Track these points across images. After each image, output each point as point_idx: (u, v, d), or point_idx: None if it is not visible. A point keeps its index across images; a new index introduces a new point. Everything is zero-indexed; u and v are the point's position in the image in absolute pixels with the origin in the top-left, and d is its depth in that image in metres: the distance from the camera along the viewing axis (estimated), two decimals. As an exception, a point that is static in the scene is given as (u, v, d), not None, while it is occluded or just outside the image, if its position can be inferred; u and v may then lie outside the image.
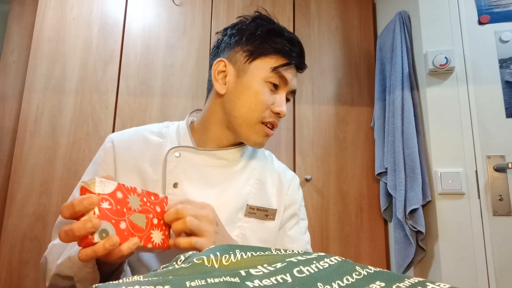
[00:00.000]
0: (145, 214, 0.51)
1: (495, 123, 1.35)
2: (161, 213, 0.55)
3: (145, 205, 0.52)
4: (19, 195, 1.53)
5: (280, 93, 0.71)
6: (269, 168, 0.81)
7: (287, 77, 0.70)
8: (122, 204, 0.48)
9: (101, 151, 0.75)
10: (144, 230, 0.50)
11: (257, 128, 0.70)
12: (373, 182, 1.74)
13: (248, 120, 0.70)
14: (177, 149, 0.72)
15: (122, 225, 0.47)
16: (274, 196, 0.77)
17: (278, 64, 0.69)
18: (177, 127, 0.79)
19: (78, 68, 1.67)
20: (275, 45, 0.70)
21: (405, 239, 1.42)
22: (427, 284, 0.36)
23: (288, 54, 0.70)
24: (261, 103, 0.69)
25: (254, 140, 0.71)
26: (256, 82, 0.69)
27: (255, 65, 0.70)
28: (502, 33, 1.39)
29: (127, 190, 0.50)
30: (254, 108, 0.69)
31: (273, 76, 0.69)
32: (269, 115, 0.70)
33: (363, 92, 1.83)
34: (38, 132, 1.59)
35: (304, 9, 1.88)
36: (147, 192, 0.54)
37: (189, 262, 0.44)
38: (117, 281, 0.40)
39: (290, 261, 0.44)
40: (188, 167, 0.71)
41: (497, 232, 1.28)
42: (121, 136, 0.75)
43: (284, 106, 0.70)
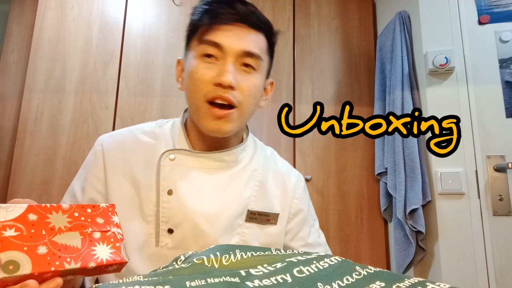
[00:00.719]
0: (78, 230, 0.44)
1: (495, 123, 1.35)
2: (106, 223, 0.47)
3: (77, 221, 0.45)
4: (19, 195, 1.53)
5: (222, 62, 0.62)
6: (271, 169, 0.75)
7: (218, 41, 0.61)
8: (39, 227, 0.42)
9: (90, 154, 0.71)
10: (80, 249, 0.43)
11: (204, 111, 0.62)
12: (373, 182, 1.73)
13: (194, 106, 0.64)
14: (171, 152, 0.66)
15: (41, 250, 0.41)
16: (276, 198, 0.72)
17: (202, 32, 0.62)
18: (171, 126, 0.73)
19: (78, 68, 1.67)
20: (196, 16, 0.64)
21: (405, 239, 1.42)
22: (427, 284, 0.36)
23: (209, 15, 0.62)
24: (198, 80, 0.61)
25: (206, 126, 0.63)
26: (191, 62, 0.64)
27: (191, 47, 0.66)
28: (502, 33, 1.39)
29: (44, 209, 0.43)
30: (194, 89, 0.62)
31: (202, 47, 0.62)
32: (210, 90, 0.61)
33: (363, 92, 1.83)
34: (38, 132, 1.59)
35: (304, 9, 1.88)
36: (79, 206, 0.47)
37: (189, 262, 0.44)
38: (117, 281, 0.40)
39: (290, 261, 0.44)
40: (183, 171, 0.66)
41: (497, 232, 1.28)
42: (111, 138, 0.71)
43: (225, 75, 0.60)
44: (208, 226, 0.63)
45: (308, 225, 0.76)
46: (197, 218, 0.63)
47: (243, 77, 0.63)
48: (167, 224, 0.63)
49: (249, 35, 0.63)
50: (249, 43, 0.63)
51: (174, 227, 0.63)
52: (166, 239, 0.63)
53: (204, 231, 0.63)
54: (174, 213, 0.63)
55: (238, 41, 0.62)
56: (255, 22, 0.64)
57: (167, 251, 0.63)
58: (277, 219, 0.70)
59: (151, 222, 0.64)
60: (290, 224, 0.74)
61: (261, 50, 0.65)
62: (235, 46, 0.62)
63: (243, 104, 0.63)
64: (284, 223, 0.72)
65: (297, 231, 0.74)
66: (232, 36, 0.62)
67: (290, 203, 0.73)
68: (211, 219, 0.64)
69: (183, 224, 0.63)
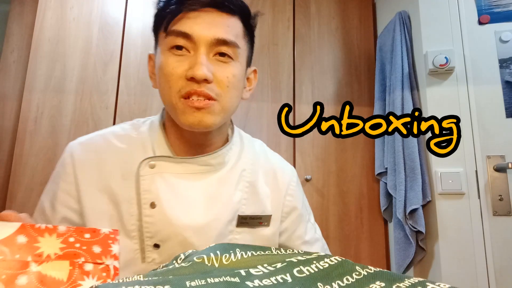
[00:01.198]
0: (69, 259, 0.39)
1: (495, 123, 1.35)
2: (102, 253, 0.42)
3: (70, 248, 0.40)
4: (19, 195, 1.53)
5: (194, 54, 0.56)
6: (261, 165, 0.70)
7: (187, 30, 0.55)
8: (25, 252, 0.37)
9: (59, 166, 0.63)
10: (65, 283, 0.38)
11: (180, 106, 0.56)
12: (373, 182, 1.73)
13: (169, 103, 0.57)
14: (151, 159, 0.60)
15: (21, 281, 0.36)
16: (268, 198, 0.68)
17: (169, 22, 0.56)
18: (149, 127, 0.66)
19: (78, 68, 1.67)
20: (162, 4, 0.58)
21: (405, 239, 1.42)
22: (427, 284, 0.36)
23: (174, 2, 0.56)
24: (169, 75, 0.56)
25: (186, 121, 0.56)
26: (161, 57, 0.58)
27: (159, 41, 0.60)
28: (502, 33, 1.39)
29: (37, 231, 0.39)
30: (167, 86, 0.56)
31: (170, 39, 0.56)
32: (184, 85, 0.55)
33: (363, 92, 1.83)
34: (38, 132, 1.59)
35: (304, 9, 1.88)
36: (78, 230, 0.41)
37: (189, 261, 0.44)
38: (117, 281, 0.40)
39: (290, 261, 0.44)
40: (166, 180, 0.60)
41: (497, 232, 1.28)
42: (82, 147, 0.63)
43: (198, 67, 0.54)
44: (197, 238, 0.58)
45: (304, 222, 0.72)
46: (186, 232, 0.58)
47: (219, 67, 0.57)
48: (153, 239, 0.58)
49: (221, 20, 0.57)
50: (222, 29, 0.56)
51: (160, 242, 0.58)
52: (153, 254, 0.58)
53: (194, 244, 0.58)
54: (159, 228, 0.58)
55: (210, 29, 0.56)
56: (227, 5, 0.57)
57: (154, 266, 0.58)
58: (269, 221, 0.66)
59: (135, 237, 0.59)
60: (284, 223, 0.70)
61: (237, 36, 0.58)
62: (206, 34, 0.55)
63: (223, 96, 0.57)
64: (277, 223, 0.68)
65: (293, 230, 0.71)
66: (202, 23, 0.55)
67: (283, 200, 0.69)
68: (200, 231, 0.59)
69: (171, 238, 0.58)
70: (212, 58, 0.57)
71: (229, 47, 0.57)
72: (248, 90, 0.67)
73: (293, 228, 0.71)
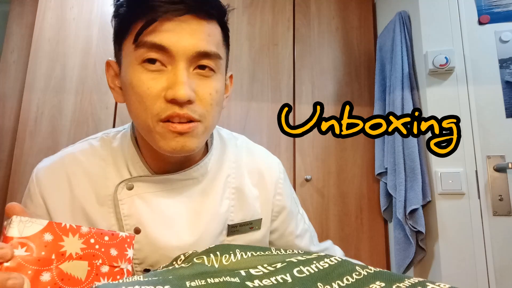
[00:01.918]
0: (88, 260, 0.41)
1: (495, 123, 1.35)
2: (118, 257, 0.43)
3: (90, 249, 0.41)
4: (19, 195, 1.53)
5: (171, 70, 0.48)
6: (245, 165, 0.66)
7: (162, 42, 0.46)
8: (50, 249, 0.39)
9: (26, 197, 0.57)
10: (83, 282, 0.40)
11: (159, 130, 0.49)
12: (373, 182, 1.73)
13: (144, 126, 0.50)
14: (128, 181, 0.55)
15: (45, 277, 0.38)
16: (257, 200, 0.64)
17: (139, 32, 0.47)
18: (120, 142, 0.59)
19: (78, 68, 1.67)
20: (126, 7, 0.49)
21: (405, 239, 1.42)
22: (427, 284, 0.36)
23: (143, 6, 0.47)
24: (142, 96, 0.47)
25: (167, 147, 0.49)
26: (128, 71, 0.49)
27: (124, 50, 0.50)
28: (502, 33, 1.39)
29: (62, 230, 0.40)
30: (140, 108, 0.48)
31: (141, 51, 0.47)
32: (163, 107, 0.47)
33: (363, 92, 1.83)
34: (38, 132, 1.59)
35: (304, 9, 1.88)
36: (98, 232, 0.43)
37: (189, 261, 0.44)
38: (117, 281, 0.40)
39: (290, 261, 0.44)
40: (147, 202, 0.55)
41: (497, 232, 1.28)
42: (48, 171, 0.56)
43: (179, 88, 0.46)
44: None
45: (294, 217, 0.71)
46: (175, 253, 0.53)
47: (200, 83, 0.49)
48: (142, 265, 0.55)
49: (201, 28, 0.48)
50: (203, 40, 0.48)
51: (151, 267, 0.55)
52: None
53: None
54: (147, 254, 0.55)
55: (189, 40, 0.47)
56: (206, 10, 0.49)
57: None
58: (260, 224, 0.64)
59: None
60: (276, 222, 0.68)
61: (218, 46, 0.51)
62: (186, 46, 0.47)
63: (207, 116, 0.51)
64: (268, 224, 0.66)
65: (284, 228, 0.69)
66: (180, 33, 0.47)
67: (272, 200, 0.66)
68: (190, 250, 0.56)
69: (160, 262, 0.55)
70: (192, 72, 0.49)
71: (211, 59, 0.50)
72: (226, 98, 0.59)
73: (284, 227, 0.69)
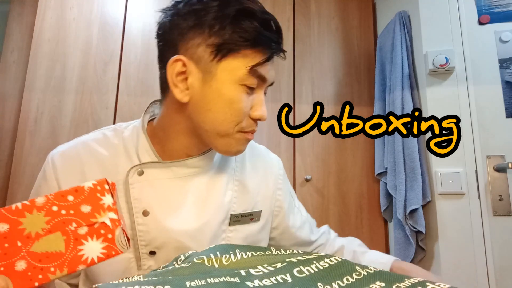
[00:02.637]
0: (60, 230, 0.37)
1: (495, 123, 1.35)
2: (93, 211, 0.38)
3: (57, 217, 0.37)
4: (19, 195, 1.53)
5: (258, 93, 0.58)
6: (248, 162, 0.70)
7: (265, 75, 0.57)
8: (12, 238, 0.36)
9: (40, 179, 0.60)
10: (65, 253, 0.37)
11: (236, 137, 0.58)
12: (373, 182, 1.73)
13: (224, 133, 0.57)
14: (139, 166, 0.58)
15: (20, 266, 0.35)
16: (258, 193, 0.68)
17: (255, 61, 0.54)
18: (131, 133, 0.64)
19: (78, 68, 1.67)
20: (247, 35, 0.53)
21: (405, 239, 1.42)
22: (427, 284, 0.36)
23: (266, 45, 0.55)
24: (238, 112, 0.56)
25: (233, 150, 0.59)
26: (229, 87, 0.55)
27: (226, 65, 0.54)
28: (502, 33, 1.39)
29: (15, 212, 0.37)
30: (230, 119, 0.56)
31: (249, 77, 0.55)
32: (248, 123, 0.58)
33: (363, 92, 1.83)
34: (38, 132, 1.59)
35: (304, 9, 1.88)
36: (58, 195, 0.38)
37: (189, 261, 0.44)
38: (117, 281, 0.40)
39: (290, 261, 0.44)
40: (156, 186, 0.59)
41: (497, 232, 1.28)
42: (63, 156, 0.60)
43: (264, 108, 0.58)
44: (193, 242, 0.58)
45: (292, 211, 0.75)
46: (181, 237, 0.58)
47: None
48: (148, 247, 0.58)
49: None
50: (274, 73, 0.61)
51: (156, 249, 0.58)
52: (149, 261, 0.58)
53: (190, 248, 0.58)
54: (154, 236, 0.57)
55: (273, 74, 0.60)
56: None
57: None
58: (260, 216, 0.68)
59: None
60: (277, 218, 0.72)
61: None
62: (271, 79, 0.59)
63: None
64: (267, 217, 0.70)
65: (286, 223, 0.73)
66: (271, 70, 0.59)
67: (272, 195, 0.71)
68: (195, 235, 0.59)
69: (166, 245, 0.58)
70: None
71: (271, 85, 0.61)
72: None
73: (285, 222, 0.73)
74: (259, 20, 0.54)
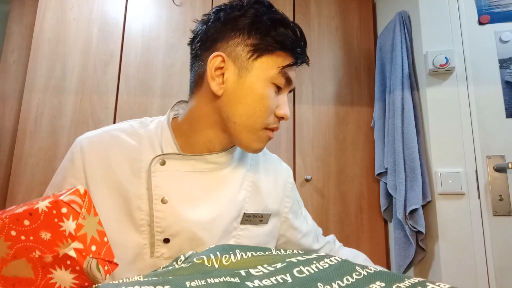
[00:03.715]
0: (24, 256, 0.33)
1: (495, 123, 1.35)
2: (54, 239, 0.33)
3: (18, 243, 0.33)
4: (19, 195, 1.53)
5: (282, 94, 0.64)
6: (262, 166, 0.74)
7: (292, 77, 0.63)
8: None
9: (67, 161, 0.64)
10: (36, 280, 0.33)
11: (260, 134, 0.63)
12: (373, 182, 1.73)
13: (250, 127, 0.61)
14: (162, 156, 0.62)
15: None
16: (269, 197, 0.71)
17: (285, 63, 0.61)
18: (156, 126, 0.68)
19: (78, 68, 1.67)
20: (281, 40, 0.61)
21: (405, 239, 1.42)
22: (427, 284, 0.36)
23: (295, 51, 0.62)
24: (267, 107, 0.61)
25: (255, 147, 0.64)
26: (261, 83, 0.61)
27: (260, 63, 0.61)
28: (502, 33, 1.39)
29: None
30: (259, 114, 0.61)
31: (279, 77, 0.61)
32: (273, 120, 0.63)
33: (363, 92, 1.83)
34: (38, 132, 1.59)
35: (304, 9, 1.88)
36: (13, 218, 0.33)
37: (189, 262, 0.44)
38: (117, 281, 0.40)
39: (290, 261, 0.44)
40: (175, 177, 0.62)
41: (497, 232, 1.28)
42: (91, 141, 0.64)
43: (287, 109, 0.63)
44: (205, 234, 0.61)
45: (299, 219, 0.78)
46: (195, 227, 0.61)
47: None
48: (163, 234, 0.60)
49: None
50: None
51: (170, 236, 0.60)
52: (162, 249, 0.60)
53: (202, 239, 0.61)
54: (170, 223, 0.60)
55: (295, 79, 0.66)
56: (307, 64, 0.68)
57: (163, 261, 0.60)
58: (268, 219, 0.70)
59: (144, 232, 0.60)
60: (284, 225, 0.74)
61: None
62: (295, 84, 0.66)
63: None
64: (275, 222, 0.72)
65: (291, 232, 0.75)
66: (295, 74, 0.66)
67: (281, 201, 0.74)
68: (207, 227, 0.62)
69: (180, 233, 0.60)
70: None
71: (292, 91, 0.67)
72: None
73: (291, 230, 0.75)
74: (291, 28, 0.62)
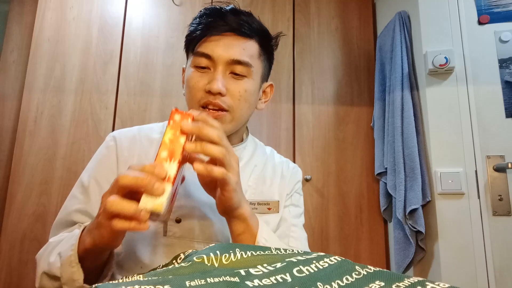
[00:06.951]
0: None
1: (495, 123, 1.35)
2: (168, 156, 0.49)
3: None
4: (19, 195, 1.53)
5: (212, 71, 0.67)
6: (270, 164, 0.79)
7: (208, 52, 0.65)
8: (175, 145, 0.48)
9: (103, 148, 0.74)
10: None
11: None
12: (373, 182, 1.73)
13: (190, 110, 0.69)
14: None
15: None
16: (276, 187, 0.76)
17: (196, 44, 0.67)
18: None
19: (78, 68, 1.67)
20: (192, 28, 0.68)
21: (405, 239, 1.42)
22: (427, 283, 0.36)
23: (201, 28, 0.67)
24: (192, 88, 0.66)
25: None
26: (188, 72, 0.68)
27: (188, 59, 0.71)
28: (502, 33, 1.39)
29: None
30: (189, 96, 0.67)
31: (196, 58, 0.67)
32: (202, 96, 0.66)
33: (363, 92, 1.83)
34: (38, 132, 1.59)
35: (304, 9, 1.88)
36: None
37: (189, 261, 0.44)
38: (117, 281, 0.40)
39: (290, 261, 0.44)
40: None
41: (497, 232, 1.28)
42: (123, 134, 0.74)
43: (214, 82, 0.64)
44: (214, 216, 0.66)
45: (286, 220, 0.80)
46: (204, 208, 0.66)
47: (233, 83, 0.66)
48: (175, 214, 0.66)
49: (238, 43, 0.66)
50: (237, 51, 0.66)
51: (182, 217, 0.66)
52: (174, 228, 0.66)
53: (211, 220, 0.66)
54: (182, 203, 0.66)
55: (227, 51, 0.65)
56: (244, 31, 0.67)
57: (174, 240, 0.66)
58: (278, 207, 0.74)
59: None
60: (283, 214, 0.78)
61: (251, 57, 0.68)
62: (223, 55, 0.65)
63: (234, 108, 0.67)
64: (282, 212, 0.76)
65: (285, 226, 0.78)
66: (221, 45, 0.65)
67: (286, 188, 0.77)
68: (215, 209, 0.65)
69: (191, 214, 0.66)
70: (228, 75, 0.66)
71: (243, 66, 0.66)
72: (264, 102, 0.77)
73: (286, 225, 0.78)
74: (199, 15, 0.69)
